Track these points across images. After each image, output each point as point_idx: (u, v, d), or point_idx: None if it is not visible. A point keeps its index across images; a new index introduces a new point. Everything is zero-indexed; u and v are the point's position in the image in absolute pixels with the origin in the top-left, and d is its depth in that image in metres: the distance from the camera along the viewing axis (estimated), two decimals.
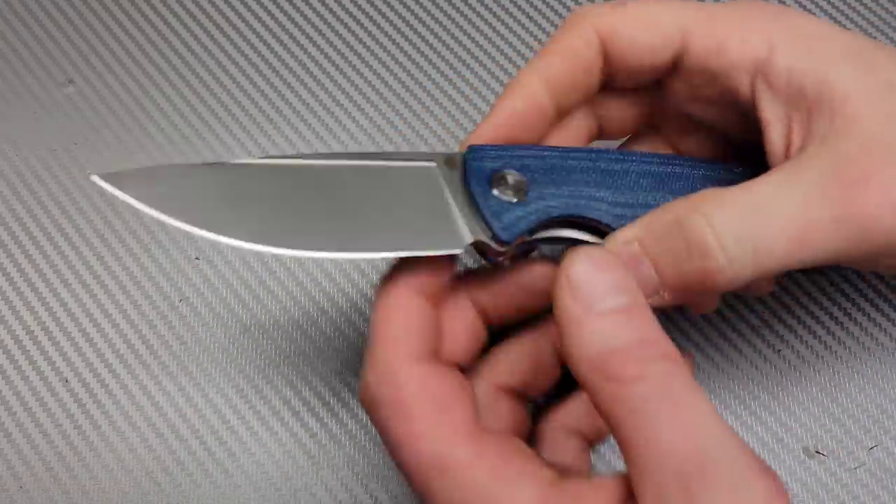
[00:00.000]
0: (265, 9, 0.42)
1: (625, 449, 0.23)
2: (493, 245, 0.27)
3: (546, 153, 0.29)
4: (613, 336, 0.24)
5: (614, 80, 0.30)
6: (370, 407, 0.25)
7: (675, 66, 0.29)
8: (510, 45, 0.41)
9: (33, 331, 0.36)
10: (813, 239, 0.25)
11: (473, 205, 0.27)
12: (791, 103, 0.27)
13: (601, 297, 0.24)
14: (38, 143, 0.39)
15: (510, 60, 0.41)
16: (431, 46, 0.41)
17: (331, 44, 0.41)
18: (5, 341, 0.36)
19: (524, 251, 0.29)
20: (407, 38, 0.41)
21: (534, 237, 0.28)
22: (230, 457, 0.34)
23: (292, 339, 0.35)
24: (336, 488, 0.33)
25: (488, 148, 0.28)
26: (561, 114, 0.30)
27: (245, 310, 0.36)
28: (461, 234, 0.27)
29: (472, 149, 0.28)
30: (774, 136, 0.28)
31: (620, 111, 0.32)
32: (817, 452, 0.33)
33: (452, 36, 0.41)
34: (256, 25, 0.42)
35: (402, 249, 0.26)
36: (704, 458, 0.22)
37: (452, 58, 0.41)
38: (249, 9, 0.42)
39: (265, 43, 0.41)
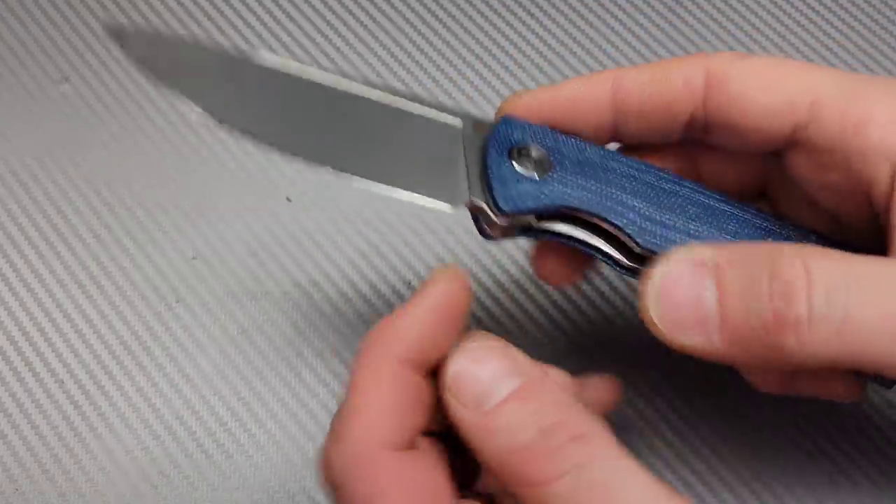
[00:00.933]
0: (262, 5, 0.42)
1: None
2: (489, 212, 0.25)
3: (588, 147, 0.26)
4: (512, 432, 0.21)
5: (711, 135, 0.26)
6: (331, 489, 0.23)
7: (796, 139, 0.25)
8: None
9: (28, 331, 0.36)
10: None
11: (483, 168, 0.26)
12: None
13: (488, 392, 0.22)
14: (33, 141, 0.39)
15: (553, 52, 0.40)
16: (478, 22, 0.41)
17: (330, 39, 0.41)
18: (1, 342, 0.35)
19: (523, 234, 0.27)
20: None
21: (540, 225, 0.26)
22: (227, 459, 0.34)
23: (290, 340, 0.35)
24: None
25: (523, 122, 0.26)
26: (626, 138, 0.27)
27: (242, 310, 0.36)
28: (461, 192, 0.25)
29: (507, 119, 0.26)
30: None
31: (720, 167, 0.28)
32: None
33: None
34: (254, 23, 0.41)
35: (398, 187, 0.25)
36: None
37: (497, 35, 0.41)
38: (247, 6, 0.42)
39: (262, 40, 0.41)
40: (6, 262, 0.37)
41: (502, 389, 0.22)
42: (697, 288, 0.22)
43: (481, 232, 0.26)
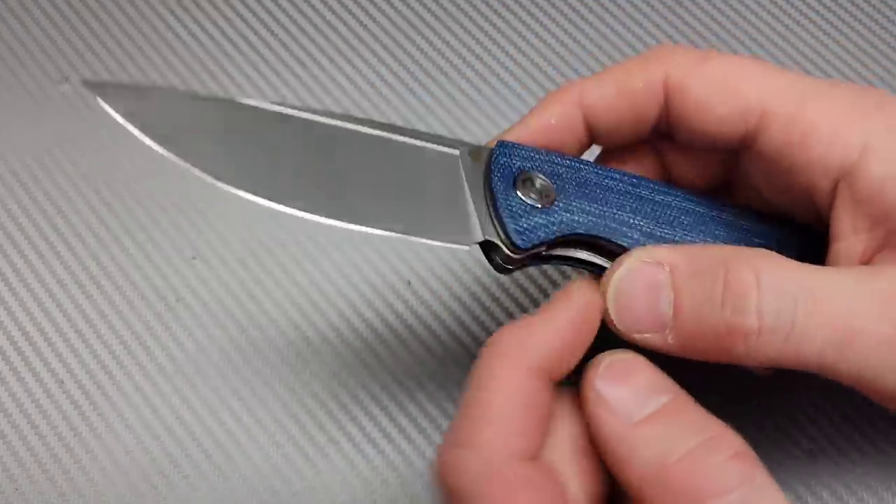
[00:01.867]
0: (263, 6, 0.42)
1: None
2: (505, 249, 0.25)
3: (583, 166, 0.26)
4: (668, 444, 0.21)
5: (675, 135, 0.27)
6: (453, 495, 0.22)
7: (748, 146, 0.26)
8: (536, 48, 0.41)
9: (29, 332, 0.36)
10: (856, 347, 0.22)
11: (491, 203, 0.25)
12: (873, 217, 0.24)
13: (638, 404, 0.22)
14: (33, 141, 0.39)
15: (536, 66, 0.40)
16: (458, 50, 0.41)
17: (330, 43, 0.41)
18: (1, 342, 0.35)
19: (533, 262, 0.27)
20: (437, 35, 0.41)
21: (550, 252, 0.26)
22: (227, 459, 0.34)
23: (289, 340, 0.35)
24: (335, 490, 0.33)
25: (520, 146, 0.26)
26: (604, 143, 0.28)
27: (242, 310, 0.36)
28: (472, 229, 0.25)
29: (503, 144, 0.26)
30: (842, 248, 0.24)
31: (687, 162, 0.29)
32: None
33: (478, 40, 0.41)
34: (254, 23, 0.41)
35: (408, 233, 0.25)
36: None
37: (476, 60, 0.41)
38: (247, 6, 0.42)
39: (263, 40, 0.41)
40: (6, 262, 0.37)
41: (652, 403, 0.22)
42: (654, 292, 0.23)
43: (496, 268, 0.26)
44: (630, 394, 0.22)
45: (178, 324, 0.36)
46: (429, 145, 0.26)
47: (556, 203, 0.25)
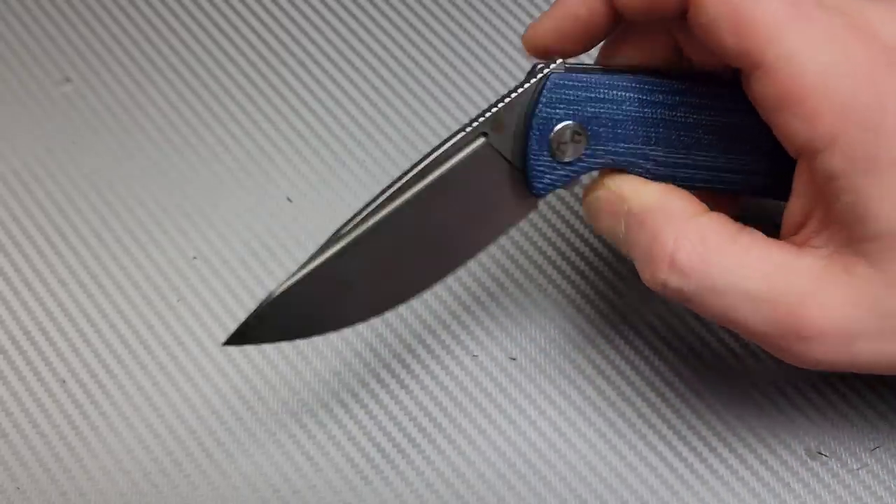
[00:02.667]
0: (263, 7, 0.42)
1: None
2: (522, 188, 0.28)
3: (626, 96, 0.28)
4: None
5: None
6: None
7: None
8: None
9: (30, 331, 0.36)
10: (736, 325, 0.27)
11: (520, 152, 0.28)
12: (822, 200, 0.26)
13: None
14: (35, 143, 0.39)
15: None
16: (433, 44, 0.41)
17: (331, 40, 0.41)
18: (2, 342, 0.36)
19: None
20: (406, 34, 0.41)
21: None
22: (228, 458, 0.34)
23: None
24: (340, 486, 0.33)
25: (574, 81, 0.27)
26: (629, 21, 0.29)
27: (243, 310, 0.36)
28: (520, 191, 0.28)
29: (556, 79, 0.27)
30: (794, 208, 0.27)
31: (700, 46, 0.29)
32: (819, 454, 0.33)
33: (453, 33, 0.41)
34: (255, 23, 0.41)
35: (485, 244, 0.29)
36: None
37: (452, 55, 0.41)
38: (248, 7, 0.42)
39: (263, 41, 0.41)
40: (8, 262, 0.37)
41: None
42: (615, 221, 0.28)
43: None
44: None
45: (180, 323, 0.36)
46: (457, 157, 0.28)
47: (584, 152, 0.28)
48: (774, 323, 0.25)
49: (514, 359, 0.35)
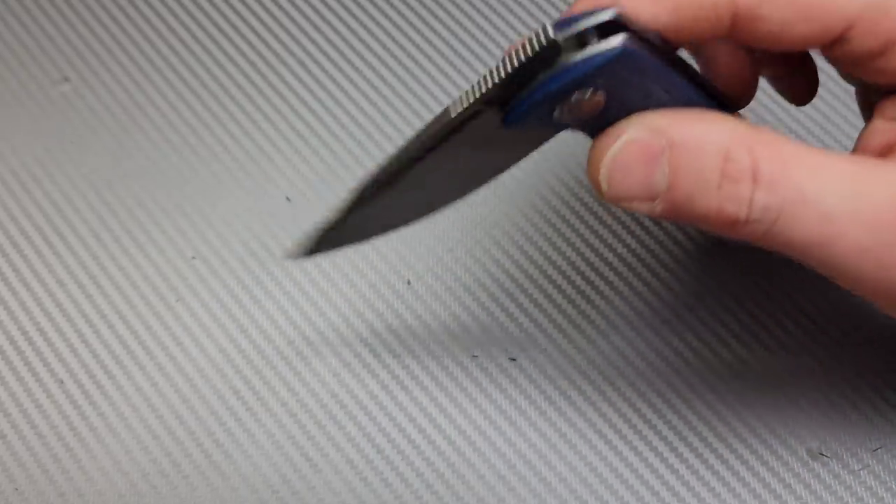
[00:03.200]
0: (263, 6, 0.42)
1: None
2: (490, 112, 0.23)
3: (667, 100, 0.23)
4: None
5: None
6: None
7: (827, 48, 0.25)
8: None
9: (28, 332, 0.36)
10: (835, 250, 0.23)
11: (518, 88, 0.22)
12: None
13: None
14: (34, 142, 0.39)
15: None
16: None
17: (331, 40, 0.41)
18: (0, 342, 0.35)
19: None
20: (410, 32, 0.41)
21: None
22: (227, 459, 0.33)
23: (289, 339, 0.35)
24: (339, 487, 0.33)
25: (644, 62, 0.22)
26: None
27: (242, 310, 0.36)
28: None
29: (627, 51, 0.21)
30: (870, 129, 0.25)
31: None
32: (821, 454, 0.33)
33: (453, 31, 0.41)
34: (254, 23, 0.41)
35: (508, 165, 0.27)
36: None
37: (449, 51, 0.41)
38: (247, 6, 0.42)
39: (263, 41, 0.41)
40: (5, 262, 0.37)
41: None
42: (650, 166, 0.23)
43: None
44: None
45: (178, 323, 0.36)
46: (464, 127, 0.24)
47: (590, 120, 0.23)
48: (876, 229, 0.22)
49: (514, 359, 0.35)
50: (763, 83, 0.32)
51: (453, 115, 0.24)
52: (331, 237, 0.30)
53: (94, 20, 0.41)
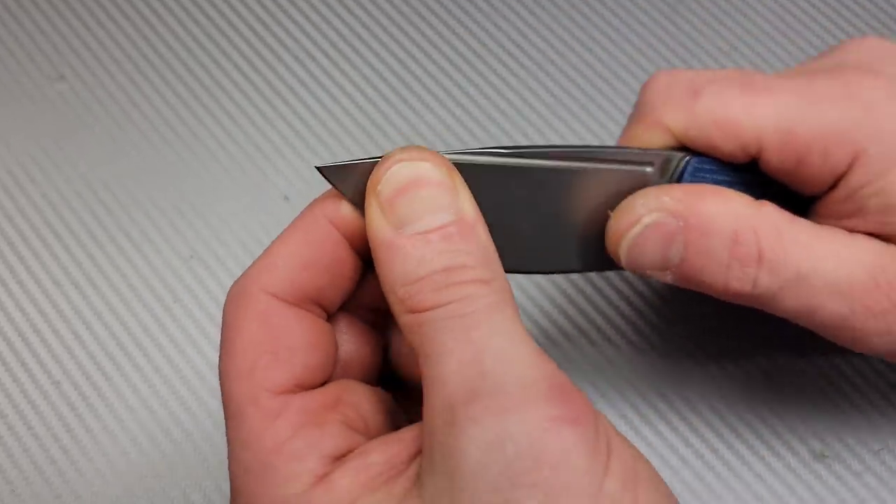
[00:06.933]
0: (261, 4, 0.41)
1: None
2: None
3: (747, 189, 0.27)
4: (422, 262, 0.21)
5: None
6: (227, 418, 0.23)
7: (757, 160, 0.27)
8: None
9: (24, 332, 0.35)
10: (817, 318, 0.26)
11: None
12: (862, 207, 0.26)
13: (417, 216, 0.22)
14: (29, 140, 0.39)
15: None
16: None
17: (329, 38, 0.41)
18: None
19: None
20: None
21: None
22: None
23: None
24: None
25: (710, 164, 0.27)
26: None
27: None
28: None
29: (696, 163, 0.27)
30: (824, 206, 0.27)
31: None
32: (823, 456, 0.33)
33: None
34: (252, 21, 0.41)
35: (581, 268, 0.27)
36: (480, 383, 0.20)
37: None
38: (245, 4, 0.41)
39: (260, 38, 0.41)
40: (2, 262, 0.36)
41: (429, 220, 0.22)
42: (666, 244, 0.25)
43: None
44: (411, 203, 0.22)
45: (176, 324, 0.35)
46: (620, 167, 0.26)
47: None
48: (850, 301, 0.25)
49: None
50: None
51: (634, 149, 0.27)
52: None
53: (90, 17, 0.41)
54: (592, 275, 0.36)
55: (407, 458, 0.22)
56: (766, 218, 0.25)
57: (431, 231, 0.21)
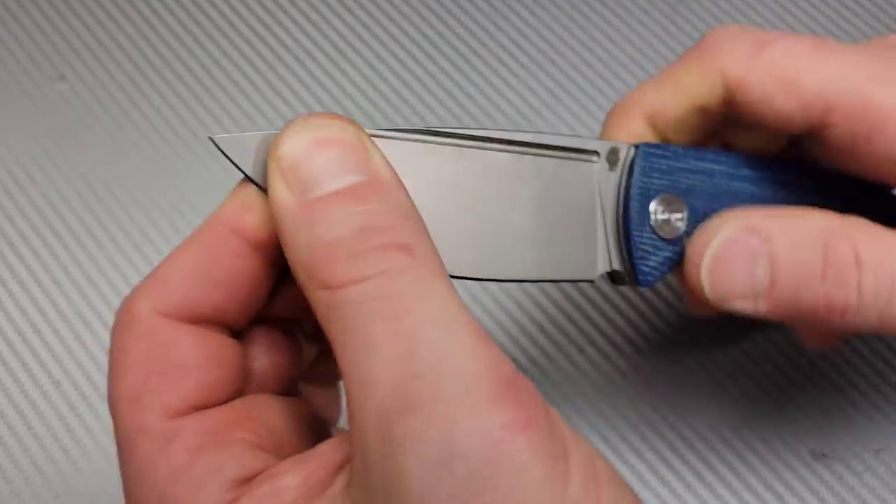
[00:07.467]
0: (261, 3, 0.41)
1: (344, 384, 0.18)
2: (627, 280, 0.24)
3: (715, 170, 0.25)
4: (332, 225, 0.19)
5: (740, 120, 0.26)
6: (119, 448, 0.21)
7: (815, 133, 0.25)
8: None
9: (24, 332, 0.35)
10: None
11: (624, 235, 0.24)
12: None
13: (324, 178, 0.19)
14: (29, 141, 0.39)
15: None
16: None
17: (329, 38, 0.41)
18: None
19: None
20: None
21: None
22: None
23: None
24: None
25: (663, 151, 0.25)
26: (676, 141, 0.27)
27: None
28: (598, 259, 0.24)
29: (646, 149, 0.24)
30: None
31: (751, 142, 0.28)
32: (823, 455, 0.33)
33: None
34: (251, 20, 0.41)
35: (542, 277, 0.23)
36: (416, 388, 0.17)
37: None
38: (245, 3, 0.41)
39: (260, 38, 0.41)
40: (2, 262, 0.36)
41: (337, 181, 0.19)
42: (751, 265, 0.23)
43: (614, 281, 0.26)
44: (315, 166, 0.19)
45: None
46: (564, 157, 0.24)
47: (685, 230, 0.25)
48: None
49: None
50: None
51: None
52: None
53: (90, 17, 0.41)
54: (567, 288, 0.36)
55: (325, 477, 0.19)
56: (858, 224, 0.23)
57: (341, 191, 0.19)
